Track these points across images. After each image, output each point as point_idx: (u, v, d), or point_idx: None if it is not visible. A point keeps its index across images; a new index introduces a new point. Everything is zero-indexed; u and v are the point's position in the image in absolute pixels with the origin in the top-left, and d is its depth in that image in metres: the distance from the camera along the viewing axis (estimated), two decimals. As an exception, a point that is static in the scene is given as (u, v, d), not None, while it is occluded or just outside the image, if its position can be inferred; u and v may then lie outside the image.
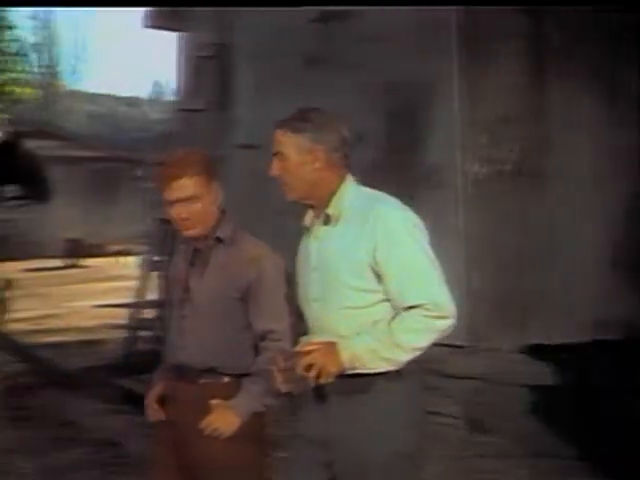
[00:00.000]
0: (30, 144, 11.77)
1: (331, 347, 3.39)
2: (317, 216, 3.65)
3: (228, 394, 3.78)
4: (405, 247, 3.43)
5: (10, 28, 26.88)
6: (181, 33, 11.57)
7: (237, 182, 7.86)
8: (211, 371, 3.83)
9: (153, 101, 45.41)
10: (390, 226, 3.44)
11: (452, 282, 8.10)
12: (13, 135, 12.27)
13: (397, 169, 8.22)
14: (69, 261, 25.60)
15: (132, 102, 40.98)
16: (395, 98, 8.44)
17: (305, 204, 3.68)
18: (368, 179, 3.60)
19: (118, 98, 40.55)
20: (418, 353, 3.43)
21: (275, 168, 3.62)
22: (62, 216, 26.08)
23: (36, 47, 42.15)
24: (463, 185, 7.92)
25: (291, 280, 3.81)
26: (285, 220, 6.84)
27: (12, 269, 21.39)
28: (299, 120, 3.60)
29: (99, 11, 60.59)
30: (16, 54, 27.28)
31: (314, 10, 8.76)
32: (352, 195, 3.58)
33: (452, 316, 3.41)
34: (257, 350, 3.85)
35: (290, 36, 9.09)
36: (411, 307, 3.38)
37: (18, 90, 25.99)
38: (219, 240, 3.89)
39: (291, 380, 3.38)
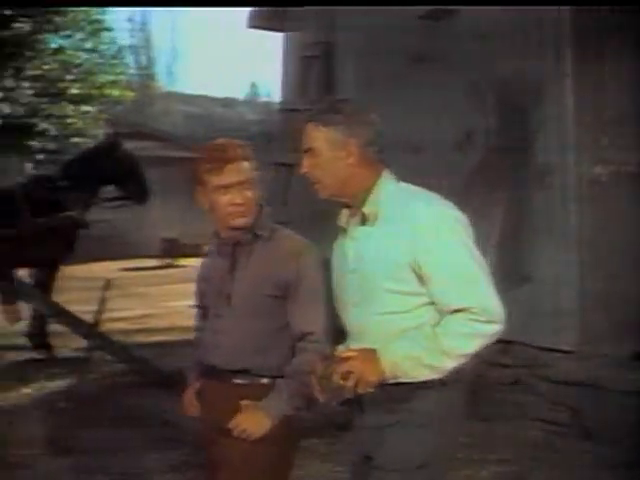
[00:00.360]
0: (128, 145, 11.80)
1: (371, 354, 3.21)
2: (353, 215, 3.45)
3: (261, 396, 3.64)
4: (447, 246, 3.24)
5: (108, 30, 27.17)
6: (285, 33, 11.54)
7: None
8: (245, 372, 3.68)
9: (249, 102, 45.76)
10: (430, 224, 3.24)
11: (565, 286, 7.88)
12: (112, 136, 12.33)
13: (508, 170, 8.02)
14: (166, 261, 25.81)
15: (228, 103, 41.34)
16: (506, 97, 8.25)
17: (340, 203, 3.48)
18: (477, 179, 3.42)
19: (214, 99, 40.92)
20: (464, 360, 3.24)
21: (305, 165, 3.43)
22: (159, 216, 26.32)
23: (133, 49, 42.86)
24: (577, 186, 7.70)
25: (329, 280, 3.64)
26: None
27: (110, 269, 21.66)
28: (329, 112, 3.40)
29: (194, 11, 61.15)
30: (114, 56, 27.56)
31: (421, 7, 8.61)
32: (390, 192, 3.39)
33: (501, 320, 3.23)
34: (293, 351, 3.70)
35: (396, 34, 8.97)
36: (456, 311, 3.21)
37: (116, 92, 26.24)
38: (257, 236, 3.74)
39: (328, 388, 3.21)
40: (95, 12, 25.65)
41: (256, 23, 11.56)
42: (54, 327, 10.81)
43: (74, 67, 25.38)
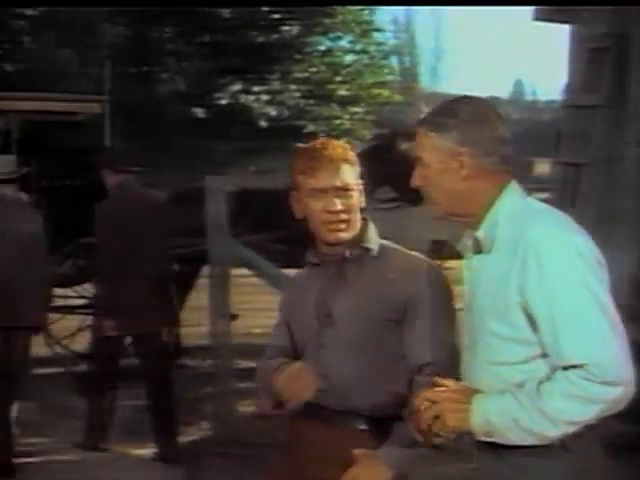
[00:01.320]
0: (399, 146, 11.66)
1: (462, 395, 2.71)
2: (471, 239, 2.91)
3: (370, 443, 3.10)
4: (562, 283, 2.59)
5: (378, 31, 27.44)
6: (572, 25, 11.08)
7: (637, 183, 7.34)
8: (353, 413, 3.16)
9: (514, 101, 45.11)
10: (544, 254, 2.61)
11: None
12: (384, 138, 12.27)
13: None
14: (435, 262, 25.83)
15: (492, 102, 40.91)
16: None
17: (460, 223, 2.92)
18: None
19: (478, 98, 40.60)
20: (574, 428, 2.60)
21: (416, 177, 2.91)
22: (428, 217, 26.28)
23: (398, 49, 43.05)
24: None
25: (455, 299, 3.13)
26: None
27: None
28: (442, 115, 2.86)
29: (457, 10, 60.92)
30: (383, 57, 27.83)
31: None
32: (511, 212, 2.77)
33: (626, 382, 2.55)
34: (411, 387, 3.13)
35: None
36: (569, 366, 2.57)
37: (385, 93, 26.44)
38: (366, 250, 3.24)
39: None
40: (364, 13, 25.91)
41: (543, 15, 11.16)
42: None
43: (342, 68, 25.73)
